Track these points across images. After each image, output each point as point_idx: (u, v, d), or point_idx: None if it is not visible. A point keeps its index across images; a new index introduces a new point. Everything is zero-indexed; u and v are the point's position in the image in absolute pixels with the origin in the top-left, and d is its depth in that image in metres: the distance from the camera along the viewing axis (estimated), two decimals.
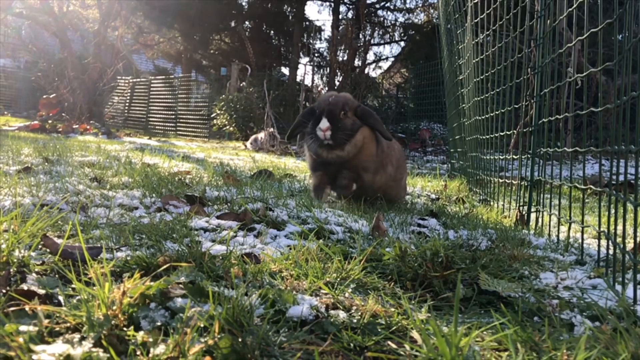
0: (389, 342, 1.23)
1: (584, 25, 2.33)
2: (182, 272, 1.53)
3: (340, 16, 22.86)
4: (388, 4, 23.14)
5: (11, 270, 1.51)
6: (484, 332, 1.34)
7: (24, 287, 1.41)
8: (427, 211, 3.38)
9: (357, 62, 18.55)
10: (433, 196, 4.45)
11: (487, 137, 4.06)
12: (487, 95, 4.04)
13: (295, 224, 2.56)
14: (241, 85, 16.82)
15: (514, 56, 3.49)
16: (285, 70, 25.93)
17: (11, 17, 25.29)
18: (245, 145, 12.56)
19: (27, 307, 1.22)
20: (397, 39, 23.70)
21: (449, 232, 2.71)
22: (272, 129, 12.19)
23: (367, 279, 1.78)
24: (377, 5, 23.26)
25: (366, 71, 19.04)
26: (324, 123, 2.94)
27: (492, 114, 3.89)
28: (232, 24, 25.93)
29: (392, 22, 23.49)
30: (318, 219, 2.69)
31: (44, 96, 17.89)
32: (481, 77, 4.19)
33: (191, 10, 22.33)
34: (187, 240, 2.07)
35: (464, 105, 5.25)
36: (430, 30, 19.79)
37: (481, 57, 4.16)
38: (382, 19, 23.51)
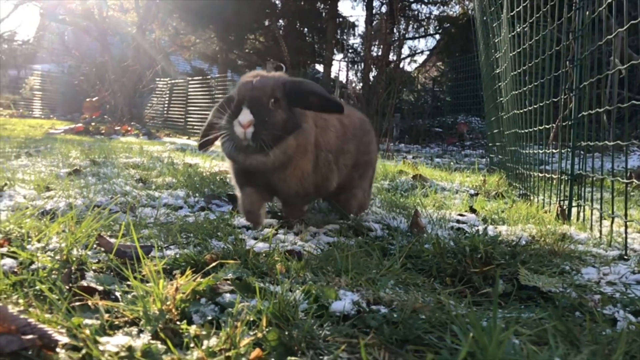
0: (430, 336, 1.27)
1: (625, 12, 2.30)
2: (229, 269, 1.60)
3: (373, 11, 22.76)
4: None
5: (72, 268, 1.62)
6: (524, 327, 1.36)
7: (84, 283, 1.50)
8: (465, 207, 3.38)
9: (391, 57, 18.44)
10: (472, 191, 4.42)
11: (526, 130, 4.02)
12: (525, 88, 4.00)
13: (334, 222, 2.61)
14: None
15: (552, 48, 3.45)
16: (320, 67, 26.01)
17: (55, 23, 26.16)
18: None
19: (89, 302, 1.31)
20: (432, 32, 23.42)
21: (488, 228, 2.71)
22: None
23: (407, 275, 1.81)
24: None
25: (401, 66, 18.91)
26: (245, 116, 2.05)
27: (530, 108, 3.85)
28: (266, 22, 26.13)
29: (427, 15, 23.23)
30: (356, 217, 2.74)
31: (87, 99, 18.52)
32: (518, 70, 4.14)
33: (226, 10, 22.62)
34: (232, 238, 2.15)
35: (501, 98, 5.19)
36: (465, 22, 19.50)
37: (518, 50, 4.11)
38: (416, 12, 23.28)
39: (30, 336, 1.07)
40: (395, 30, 18.90)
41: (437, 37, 23.47)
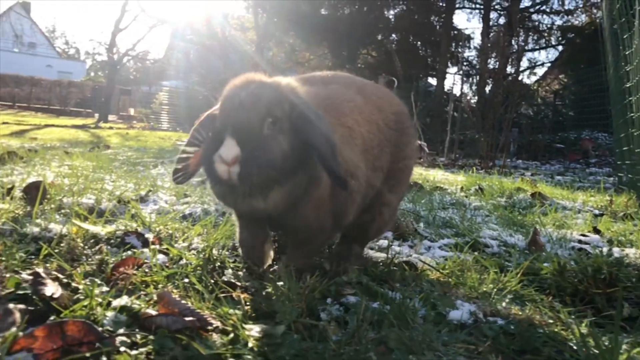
0: (547, 350, 1.29)
1: None
2: (352, 274, 1.73)
3: (490, 23, 22.14)
4: (544, 7, 21.88)
5: (214, 265, 1.84)
6: None
7: (225, 278, 1.71)
8: (589, 227, 3.24)
9: (509, 69, 17.81)
10: (596, 212, 4.20)
11: None
12: None
13: (450, 236, 2.65)
14: None
15: None
16: (432, 81, 25.74)
17: (183, 43, 28.37)
18: None
19: (233, 295, 1.50)
20: (553, 43, 22.26)
21: (613, 249, 2.59)
22: (419, 141, 12.23)
23: (524, 291, 1.82)
24: (532, 9, 22.11)
25: (520, 78, 18.18)
26: (228, 149, 1.46)
27: None
28: (379, 37, 26.44)
29: (548, 25, 22.13)
30: (471, 231, 2.75)
31: None
32: None
33: (339, 26, 23.24)
34: None
35: (632, 114, 4.86)
36: (592, 32, 18.29)
37: None
38: (536, 23, 22.28)
39: (190, 318, 1.26)
40: (513, 42, 18.24)
41: (560, 48, 22.25)
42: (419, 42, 26.65)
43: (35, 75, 34.23)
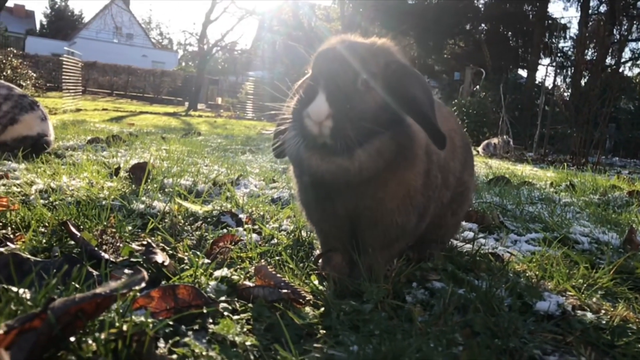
0: None
1: None
2: (437, 261, 1.76)
3: (590, 11, 20.84)
4: None
5: (304, 245, 1.94)
6: None
7: (312, 258, 1.80)
8: None
9: (608, 61, 16.69)
10: None
11: None
12: None
13: (538, 231, 2.60)
14: (474, 89, 16.61)
15: None
16: (523, 73, 24.68)
17: (270, 34, 29.03)
18: (477, 151, 12.42)
19: (323, 273, 1.59)
20: None
21: None
22: (506, 135, 11.82)
23: (617, 289, 1.77)
24: None
25: (620, 70, 16.99)
26: (319, 105, 1.36)
27: None
28: (468, 27, 25.71)
29: None
30: (560, 226, 2.68)
31: None
32: None
33: (426, 16, 22.81)
34: None
35: None
36: None
37: None
38: None
39: (285, 290, 1.36)
40: (615, 32, 17.09)
41: None
42: (509, 32, 25.64)
43: (132, 65, 36.38)
